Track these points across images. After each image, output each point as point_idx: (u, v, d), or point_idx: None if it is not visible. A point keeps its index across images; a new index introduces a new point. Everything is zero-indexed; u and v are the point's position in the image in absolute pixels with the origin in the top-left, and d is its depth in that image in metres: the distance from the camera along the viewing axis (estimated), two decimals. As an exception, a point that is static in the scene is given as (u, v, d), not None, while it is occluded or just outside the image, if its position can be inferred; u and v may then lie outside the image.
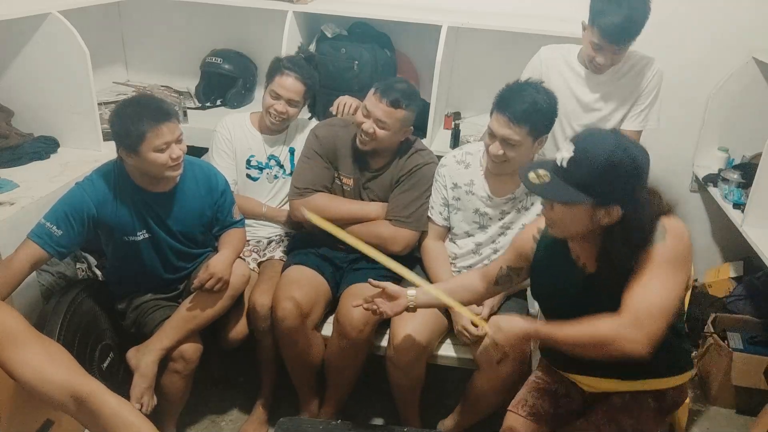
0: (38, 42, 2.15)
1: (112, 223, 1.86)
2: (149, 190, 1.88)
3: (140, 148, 1.75)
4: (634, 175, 1.32)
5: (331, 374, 2.14)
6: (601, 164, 1.29)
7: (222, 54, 2.86)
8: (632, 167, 1.31)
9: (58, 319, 1.83)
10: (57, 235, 1.76)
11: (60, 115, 2.27)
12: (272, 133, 2.31)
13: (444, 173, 2.05)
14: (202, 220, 2.02)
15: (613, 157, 1.29)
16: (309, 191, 2.13)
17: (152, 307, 2.01)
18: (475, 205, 2.03)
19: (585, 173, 1.31)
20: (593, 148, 1.31)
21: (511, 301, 2.07)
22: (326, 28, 2.69)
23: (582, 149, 1.32)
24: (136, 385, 1.86)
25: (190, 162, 1.97)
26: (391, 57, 2.69)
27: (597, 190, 1.31)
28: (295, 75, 2.17)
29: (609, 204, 1.33)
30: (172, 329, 1.91)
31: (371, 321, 1.97)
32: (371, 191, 2.17)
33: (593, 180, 1.31)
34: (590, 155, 1.31)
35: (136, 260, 1.95)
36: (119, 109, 1.81)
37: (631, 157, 1.30)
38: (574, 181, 1.32)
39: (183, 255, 2.03)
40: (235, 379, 2.45)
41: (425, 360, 2.02)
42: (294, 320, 1.98)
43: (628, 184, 1.32)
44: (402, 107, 1.98)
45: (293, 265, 2.15)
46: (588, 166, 1.31)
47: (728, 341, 2.43)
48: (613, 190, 1.32)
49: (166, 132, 1.76)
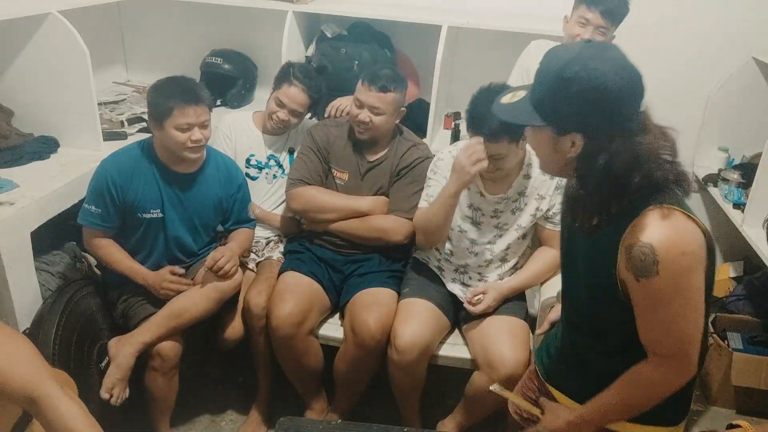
0: (38, 42, 2.15)
1: (130, 196, 1.93)
2: (173, 169, 1.96)
3: (165, 123, 1.85)
4: (596, 96, 1.06)
5: (343, 381, 2.14)
6: (553, 79, 1.09)
7: (222, 54, 2.86)
8: (594, 85, 1.06)
9: (55, 318, 1.82)
10: (98, 213, 1.92)
11: (60, 115, 2.27)
12: (273, 133, 2.32)
13: (441, 166, 2.06)
14: (216, 209, 2.08)
15: (567, 71, 1.07)
16: (302, 182, 2.18)
17: (140, 300, 2.02)
18: (469, 200, 2.04)
19: (539, 90, 1.13)
20: (550, 61, 1.11)
21: (512, 303, 2.07)
22: (326, 28, 2.69)
23: (543, 62, 1.13)
24: (110, 374, 1.87)
25: (215, 152, 2.10)
26: (391, 57, 2.69)
27: (548, 111, 1.12)
28: (302, 87, 2.19)
29: (567, 131, 1.12)
30: (154, 325, 1.92)
31: (387, 329, 1.98)
32: (370, 182, 2.20)
33: (547, 97, 1.11)
34: (546, 68, 1.11)
35: (140, 240, 2.00)
36: (158, 83, 1.93)
37: (593, 73, 1.06)
38: (534, 100, 1.14)
39: (185, 248, 2.06)
40: (235, 378, 2.45)
41: (427, 361, 2.02)
42: (288, 329, 1.99)
43: (588, 108, 1.08)
44: (391, 90, 2.06)
45: (289, 270, 2.16)
46: (544, 82, 1.12)
47: (728, 341, 2.43)
48: (568, 113, 1.10)
49: (192, 113, 1.85)
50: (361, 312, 2.00)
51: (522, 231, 2.05)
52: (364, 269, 2.20)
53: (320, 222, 2.21)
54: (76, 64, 2.16)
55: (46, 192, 1.99)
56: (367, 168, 2.19)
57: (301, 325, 2.01)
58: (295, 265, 2.17)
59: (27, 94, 2.25)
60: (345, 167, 2.20)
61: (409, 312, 2.01)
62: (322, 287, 2.14)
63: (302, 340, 2.03)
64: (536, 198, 2.01)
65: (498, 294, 2.02)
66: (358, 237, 2.19)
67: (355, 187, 2.21)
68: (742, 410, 2.45)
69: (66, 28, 2.12)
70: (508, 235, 2.05)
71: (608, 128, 1.09)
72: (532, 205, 2.02)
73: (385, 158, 2.19)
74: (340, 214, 2.18)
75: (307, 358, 2.08)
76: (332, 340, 2.13)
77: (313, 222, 2.23)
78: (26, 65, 2.20)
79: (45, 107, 2.27)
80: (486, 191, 2.01)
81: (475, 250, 2.09)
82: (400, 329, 1.96)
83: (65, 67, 2.18)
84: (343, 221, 2.18)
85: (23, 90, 2.24)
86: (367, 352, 1.99)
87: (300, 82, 2.19)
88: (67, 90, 2.22)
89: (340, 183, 2.22)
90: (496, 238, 2.07)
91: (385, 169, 2.19)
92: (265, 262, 2.27)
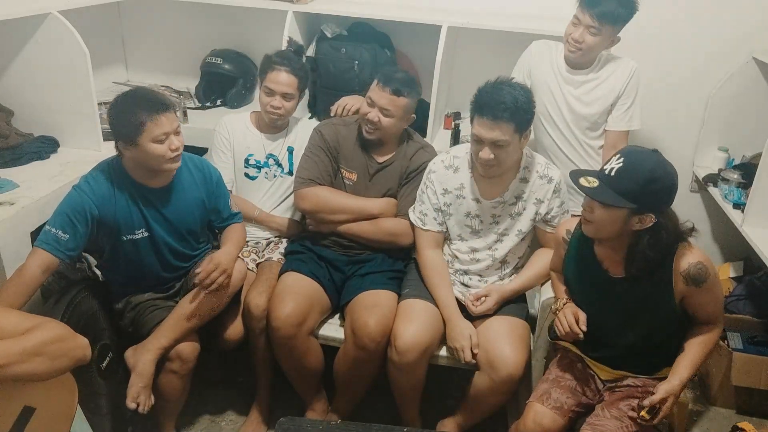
0: (38, 42, 2.15)
1: (113, 222, 1.86)
2: (147, 185, 1.89)
3: (139, 139, 1.74)
4: (669, 190, 1.55)
5: (344, 383, 2.14)
6: (644, 177, 1.51)
7: (222, 54, 2.86)
8: (669, 184, 1.54)
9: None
10: (64, 240, 1.76)
11: (60, 115, 2.27)
12: (271, 131, 2.32)
13: (433, 179, 2.05)
14: (200, 211, 2.03)
15: (655, 173, 1.52)
16: (313, 182, 2.15)
17: (149, 307, 2.01)
18: (466, 209, 2.04)
19: (630, 182, 1.52)
20: (640, 163, 1.53)
21: (512, 304, 2.07)
22: (326, 28, 2.69)
23: (630, 162, 1.53)
24: (133, 384, 1.86)
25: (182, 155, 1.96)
26: (391, 57, 2.69)
27: (638, 198, 1.52)
28: (285, 69, 2.18)
29: (644, 212, 1.54)
30: (169, 329, 1.91)
31: (388, 331, 1.98)
32: (378, 184, 2.19)
33: (636, 189, 1.51)
34: (637, 168, 1.52)
35: (134, 260, 1.95)
36: (117, 101, 1.80)
37: (668, 175, 1.54)
38: (620, 188, 1.53)
39: (180, 254, 2.03)
40: (235, 379, 2.45)
41: (427, 361, 2.01)
42: (288, 329, 1.99)
43: (663, 197, 1.55)
44: (404, 95, 2.06)
45: (290, 271, 2.15)
46: (633, 177, 1.52)
47: (728, 341, 2.43)
48: (650, 200, 1.53)
49: (165, 122, 1.76)
50: (362, 313, 2.00)
51: (522, 235, 2.05)
52: (366, 269, 2.19)
53: (329, 223, 2.19)
54: (76, 64, 2.16)
55: (46, 192, 1.99)
56: (376, 169, 2.18)
57: (301, 326, 2.01)
58: (296, 266, 2.17)
59: (27, 94, 2.25)
60: (354, 167, 2.19)
61: (410, 313, 2.01)
62: (323, 288, 2.13)
63: (302, 340, 2.03)
64: (534, 202, 2.01)
65: (499, 296, 2.03)
66: (368, 240, 2.19)
67: (363, 188, 2.20)
68: (742, 410, 2.45)
69: (66, 28, 2.12)
70: (509, 240, 2.06)
71: (665, 210, 1.58)
72: (531, 210, 2.02)
73: (394, 160, 2.18)
74: (350, 215, 2.17)
75: (307, 358, 2.08)
76: (332, 341, 2.13)
77: (322, 222, 2.21)
78: (26, 65, 2.20)
79: (45, 107, 2.27)
80: (482, 196, 2.01)
81: (477, 257, 2.09)
82: (400, 330, 1.96)
83: (65, 67, 2.18)
84: (353, 223, 2.17)
85: (23, 90, 2.24)
86: (367, 353, 1.99)
87: (281, 65, 2.19)
88: (67, 90, 2.22)
89: (349, 183, 2.20)
90: (497, 244, 2.07)
91: (394, 171, 2.18)
92: (266, 263, 2.27)
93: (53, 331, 1.29)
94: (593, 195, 1.57)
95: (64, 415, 1.38)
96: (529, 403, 1.78)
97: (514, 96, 1.81)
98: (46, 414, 1.34)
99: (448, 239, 2.13)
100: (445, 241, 2.14)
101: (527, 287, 2.08)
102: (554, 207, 2.01)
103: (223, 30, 2.96)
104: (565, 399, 1.76)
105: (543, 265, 2.05)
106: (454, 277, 2.14)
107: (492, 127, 1.80)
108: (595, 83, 2.23)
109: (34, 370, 1.24)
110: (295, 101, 2.25)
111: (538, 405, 1.75)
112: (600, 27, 2.09)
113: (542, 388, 1.80)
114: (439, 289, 2.05)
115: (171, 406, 2.05)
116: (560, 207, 2.03)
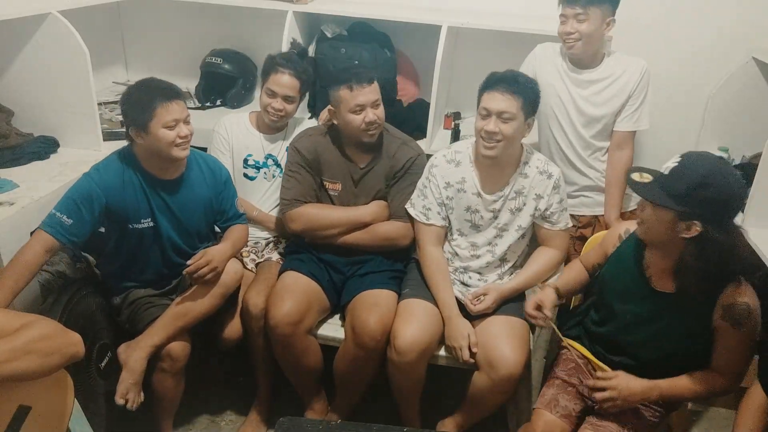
0: (38, 42, 2.15)
1: (122, 210, 1.90)
2: (158, 176, 1.92)
3: (150, 125, 1.80)
4: (723, 200, 1.44)
5: (343, 382, 2.14)
6: (695, 180, 1.43)
7: (222, 54, 2.86)
8: (724, 194, 1.43)
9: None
10: (68, 224, 1.80)
11: (60, 115, 2.27)
12: (271, 132, 2.32)
13: (436, 173, 2.05)
14: (207, 210, 2.05)
15: (709, 179, 1.42)
16: (299, 202, 2.14)
17: (145, 304, 2.01)
18: (466, 203, 2.04)
19: (680, 183, 1.45)
20: (694, 165, 1.46)
21: (512, 303, 2.07)
22: (326, 28, 2.69)
23: (685, 163, 1.47)
24: (123, 380, 1.87)
25: (195, 153, 2.03)
26: (391, 57, 2.69)
27: (685, 201, 1.44)
28: (289, 71, 2.19)
29: (691, 219, 1.45)
30: (162, 327, 1.91)
31: (388, 330, 1.98)
32: (365, 189, 2.18)
33: (684, 191, 1.44)
34: (689, 170, 1.45)
35: (136, 252, 1.97)
36: (130, 89, 1.88)
37: (726, 185, 1.43)
38: (669, 188, 1.47)
39: (182, 252, 2.04)
40: (235, 379, 2.45)
41: (426, 361, 2.02)
42: (286, 328, 1.99)
43: (714, 207, 1.44)
44: (375, 79, 2.08)
45: (289, 270, 2.15)
46: (684, 178, 1.45)
47: (728, 341, 2.42)
48: (698, 207, 1.44)
49: (176, 109, 1.82)
50: (362, 313, 2.00)
51: (522, 231, 2.05)
52: (366, 269, 2.19)
53: (324, 239, 2.18)
54: (76, 64, 2.16)
55: (46, 192, 1.99)
56: (360, 174, 2.17)
57: (299, 325, 2.01)
58: (295, 266, 2.16)
59: (27, 94, 2.25)
60: (337, 177, 2.17)
61: (409, 312, 2.01)
62: (322, 288, 2.13)
63: (300, 339, 2.03)
64: (534, 198, 2.01)
65: (498, 295, 2.03)
66: (366, 248, 2.18)
67: (351, 196, 2.19)
68: (742, 410, 2.44)
69: (66, 28, 2.12)
70: (509, 236, 2.06)
71: (719, 223, 1.46)
72: (531, 205, 2.02)
73: (377, 161, 2.17)
74: (342, 228, 2.15)
75: (305, 357, 2.08)
76: (332, 341, 2.13)
77: (316, 240, 2.20)
78: (26, 65, 2.20)
79: (45, 107, 2.27)
80: (483, 190, 2.01)
81: (476, 253, 2.09)
82: (400, 330, 1.96)
83: (65, 67, 2.18)
84: (348, 235, 2.16)
85: (23, 90, 2.25)
86: (367, 352, 1.99)
87: (285, 67, 2.19)
88: (67, 90, 2.22)
89: (334, 194, 2.19)
90: (497, 240, 2.07)
91: (379, 172, 2.17)
92: (264, 263, 2.27)
93: (43, 328, 1.29)
94: (638, 189, 1.52)
95: (60, 413, 1.38)
96: (537, 410, 1.77)
97: (526, 77, 1.96)
98: (42, 412, 1.34)
99: (449, 235, 2.13)
100: (445, 238, 2.14)
101: (526, 286, 2.08)
102: (554, 203, 2.01)
103: (223, 30, 2.96)
104: (573, 405, 1.76)
105: (542, 264, 2.05)
106: (454, 276, 2.14)
107: (500, 98, 1.86)
108: (606, 83, 2.21)
109: (26, 368, 1.23)
110: (296, 104, 2.26)
111: (547, 413, 1.74)
112: (585, 11, 2.08)
113: (549, 394, 1.79)
114: (439, 288, 2.05)
115: (166, 405, 2.05)
116: (560, 204, 2.03)
